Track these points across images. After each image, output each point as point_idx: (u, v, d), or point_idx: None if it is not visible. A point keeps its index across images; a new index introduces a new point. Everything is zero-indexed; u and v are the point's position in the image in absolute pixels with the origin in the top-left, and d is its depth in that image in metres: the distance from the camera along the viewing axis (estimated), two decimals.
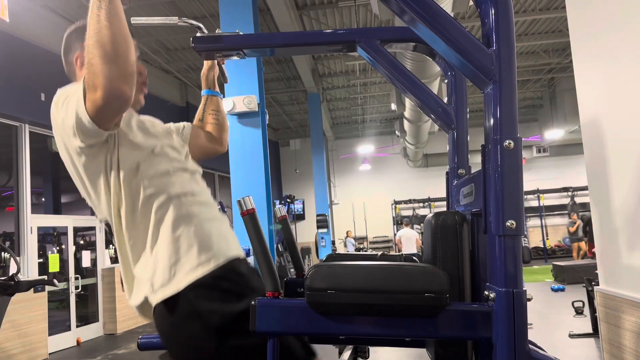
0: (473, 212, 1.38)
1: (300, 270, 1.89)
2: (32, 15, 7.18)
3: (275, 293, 1.17)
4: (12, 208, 7.22)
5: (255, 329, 1.14)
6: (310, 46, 1.67)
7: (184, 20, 1.59)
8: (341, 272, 1.14)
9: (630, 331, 1.80)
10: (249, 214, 1.27)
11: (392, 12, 1.21)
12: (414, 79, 1.66)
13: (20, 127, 7.10)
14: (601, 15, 1.98)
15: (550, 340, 5.70)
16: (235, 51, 1.62)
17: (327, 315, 1.14)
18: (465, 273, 1.33)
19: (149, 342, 1.68)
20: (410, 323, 1.13)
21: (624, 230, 1.88)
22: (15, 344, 6.32)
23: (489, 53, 1.10)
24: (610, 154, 1.94)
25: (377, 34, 1.61)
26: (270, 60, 10.48)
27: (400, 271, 1.14)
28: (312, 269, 1.15)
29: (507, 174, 1.07)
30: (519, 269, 1.08)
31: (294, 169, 16.93)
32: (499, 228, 1.07)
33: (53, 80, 6.74)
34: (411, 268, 1.16)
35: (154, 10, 7.73)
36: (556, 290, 9.34)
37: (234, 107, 4.69)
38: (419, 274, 1.13)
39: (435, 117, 1.72)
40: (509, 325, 1.06)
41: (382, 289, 1.11)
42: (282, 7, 7.33)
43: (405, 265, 1.19)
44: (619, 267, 1.93)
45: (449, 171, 1.73)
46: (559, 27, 9.65)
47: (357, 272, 1.13)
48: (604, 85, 2.00)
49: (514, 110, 1.10)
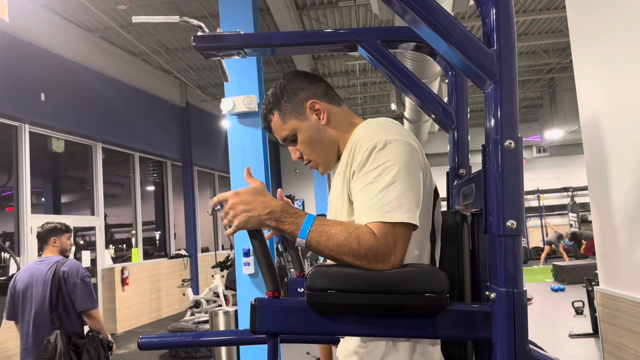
0: (473, 212, 1.38)
1: (301, 270, 1.89)
2: (32, 15, 7.18)
3: (276, 293, 1.17)
4: (12, 208, 7.21)
5: (255, 329, 1.14)
6: (311, 46, 1.67)
7: (184, 20, 1.59)
8: (341, 272, 1.14)
9: (630, 331, 1.80)
10: None
11: (393, 12, 1.22)
12: (414, 79, 1.66)
13: (20, 127, 7.10)
14: (601, 15, 1.98)
15: (550, 340, 5.70)
16: (236, 50, 1.62)
17: (327, 315, 1.14)
18: (465, 273, 1.33)
19: (149, 342, 1.68)
20: (410, 323, 1.13)
21: (624, 230, 1.88)
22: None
23: (489, 53, 1.10)
24: (610, 154, 1.94)
25: (377, 33, 1.61)
26: (270, 60, 10.47)
27: (400, 271, 1.13)
28: (312, 269, 1.15)
29: (508, 174, 1.07)
30: (519, 269, 1.08)
31: (294, 169, 16.92)
32: (500, 228, 1.07)
33: (53, 80, 6.81)
34: (411, 268, 1.16)
35: (154, 10, 7.73)
36: (556, 290, 9.35)
37: (234, 107, 4.69)
38: (419, 274, 1.13)
39: (435, 117, 1.72)
40: (509, 326, 1.06)
41: (382, 289, 1.11)
42: (282, 7, 7.33)
43: (405, 265, 1.19)
44: (619, 267, 1.93)
45: (449, 171, 1.73)
46: (559, 27, 9.65)
47: (357, 272, 1.13)
48: (604, 85, 2.00)
49: (514, 110, 1.10)
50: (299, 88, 1.41)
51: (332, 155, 1.43)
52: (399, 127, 1.30)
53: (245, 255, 4.71)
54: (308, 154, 1.44)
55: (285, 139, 1.45)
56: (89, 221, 8.72)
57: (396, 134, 1.24)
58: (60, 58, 7.77)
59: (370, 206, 1.16)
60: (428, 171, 1.31)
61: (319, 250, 1.15)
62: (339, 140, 1.41)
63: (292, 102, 1.41)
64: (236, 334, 2.42)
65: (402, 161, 1.19)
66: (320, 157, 1.44)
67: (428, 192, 1.30)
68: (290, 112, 1.41)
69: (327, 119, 1.40)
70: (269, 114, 1.45)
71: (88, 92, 8.38)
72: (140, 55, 9.91)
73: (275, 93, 1.43)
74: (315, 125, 1.40)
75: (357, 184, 1.22)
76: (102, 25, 8.23)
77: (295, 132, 1.42)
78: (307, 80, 1.43)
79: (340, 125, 1.41)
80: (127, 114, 9.48)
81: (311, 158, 1.45)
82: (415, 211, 1.17)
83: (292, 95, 1.41)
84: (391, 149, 1.20)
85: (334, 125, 1.41)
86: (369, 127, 1.31)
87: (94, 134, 8.59)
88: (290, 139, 1.44)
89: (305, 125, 1.40)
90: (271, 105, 1.43)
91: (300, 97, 1.40)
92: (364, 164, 1.21)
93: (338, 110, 1.43)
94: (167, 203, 11.36)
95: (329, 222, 1.18)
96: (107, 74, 8.97)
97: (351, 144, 1.31)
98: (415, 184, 1.20)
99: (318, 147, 1.42)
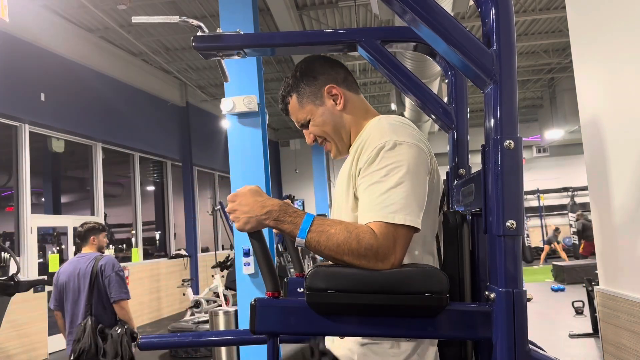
0: (473, 212, 1.38)
1: (300, 270, 1.89)
2: (32, 15, 7.18)
3: (275, 293, 1.17)
4: (12, 208, 7.21)
5: (255, 329, 1.14)
6: (311, 46, 1.66)
7: (184, 20, 1.59)
8: (341, 272, 1.14)
9: (630, 331, 1.80)
10: None
11: (393, 12, 1.22)
12: (414, 79, 1.66)
13: (20, 127, 7.10)
14: (601, 15, 1.98)
15: (550, 340, 5.69)
16: (236, 50, 1.62)
17: (327, 315, 1.14)
18: (465, 273, 1.33)
19: (149, 342, 1.68)
20: (410, 323, 1.13)
21: (624, 230, 1.88)
22: (15, 344, 6.32)
23: (489, 53, 1.10)
24: (610, 154, 1.94)
25: (377, 33, 1.61)
26: (270, 60, 10.47)
27: (399, 271, 1.13)
28: (312, 269, 1.15)
29: (507, 174, 1.07)
30: (519, 269, 1.08)
31: (294, 169, 16.92)
32: (499, 228, 1.07)
33: (53, 80, 6.80)
34: (411, 268, 1.16)
35: (154, 10, 7.73)
36: (556, 290, 9.34)
37: (234, 107, 4.69)
38: (419, 274, 1.13)
39: (435, 117, 1.72)
40: (509, 326, 1.06)
41: (381, 289, 1.11)
42: (282, 7, 7.32)
43: (405, 265, 1.19)
44: (619, 267, 1.93)
45: (449, 171, 1.73)
46: (559, 27, 9.65)
47: (356, 272, 1.13)
48: (604, 85, 2.00)
49: (514, 110, 1.10)
50: (319, 72, 1.41)
51: (344, 140, 1.43)
52: (410, 128, 1.30)
53: (245, 255, 4.71)
54: (322, 135, 1.45)
55: (302, 123, 1.46)
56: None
57: (406, 136, 1.24)
58: (60, 58, 7.77)
59: (374, 205, 1.17)
60: (436, 172, 1.31)
61: (318, 250, 1.15)
62: (352, 127, 1.41)
63: (311, 86, 1.41)
64: (236, 334, 2.42)
65: (409, 164, 1.19)
66: (333, 140, 1.45)
67: (437, 192, 1.30)
68: (309, 95, 1.41)
69: (344, 105, 1.40)
70: (287, 96, 1.45)
71: (88, 92, 8.38)
72: (140, 55, 9.90)
73: (295, 75, 1.43)
74: (330, 110, 1.40)
75: (363, 182, 1.22)
76: (102, 25, 8.23)
77: (311, 117, 1.42)
78: (327, 65, 1.43)
79: (356, 113, 1.42)
80: (127, 114, 9.48)
81: (325, 138, 1.46)
82: (418, 214, 1.17)
83: (312, 79, 1.41)
84: (400, 150, 1.20)
85: (349, 112, 1.41)
86: (380, 125, 1.31)
87: (94, 134, 8.59)
88: (306, 123, 1.45)
89: (321, 110, 1.41)
90: (290, 87, 1.44)
91: (320, 81, 1.40)
92: (371, 162, 1.21)
93: (355, 98, 1.44)
94: (167, 203, 11.36)
95: (328, 222, 1.18)
96: (107, 74, 8.96)
97: (360, 139, 1.32)
98: (421, 187, 1.20)
99: (331, 132, 1.43)
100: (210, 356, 5.64)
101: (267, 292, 1.18)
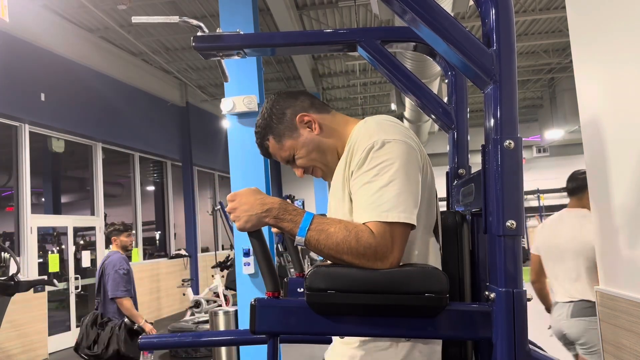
0: (473, 212, 1.38)
1: (300, 270, 1.90)
2: (32, 15, 7.18)
3: (275, 293, 1.17)
4: (12, 208, 7.21)
5: (255, 329, 1.14)
6: (311, 46, 1.67)
7: (184, 20, 1.59)
8: (341, 272, 1.14)
9: (630, 331, 1.80)
10: None
11: (393, 12, 1.21)
12: (414, 79, 1.66)
13: (20, 127, 7.10)
14: (601, 15, 1.98)
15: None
16: (236, 50, 1.62)
17: (327, 315, 1.13)
18: (465, 273, 1.33)
19: (149, 342, 1.68)
20: (410, 323, 1.13)
21: (624, 230, 1.88)
22: (15, 344, 6.32)
23: (489, 53, 1.10)
24: (610, 154, 1.94)
25: (377, 33, 1.61)
26: (270, 60, 10.47)
27: (399, 271, 1.13)
28: (312, 269, 1.15)
29: (507, 174, 1.07)
30: (519, 269, 1.08)
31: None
32: (499, 228, 1.07)
33: (53, 80, 6.79)
34: (411, 268, 1.16)
35: (154, 10, 7.73)
36: None
37: (234, 107, 4.69)
38: (419, 274, 1.13)
39: (435, 117, 1.72)
40: (509, 326, 1.06)
41: (381, 289, 1.11)
42: (282, 7, 7.33)
43: (404, 265, 1.19)
44: (619, 267, 1.93)
45: (449, 171, 1.73)
46: (559, 27, 9.65)
47: (356, 272, 1.13)
48: (604, 85, 2.00)
49: (514, 110, 1.10)
50: (285, 107, 1.41)
51: (332, 161, 1.42)
52: (398, 126, 1.30)
53: (245, 255, 4.71)
54: (310, 165, 1.44)
55: (287, 160, 1.45)
56: (89, 221, 8.72)
57: (394, 133, 1.24)
58: (60, 58, 7.77)
59: (367, 205, 1.17)
60: (429, 167, 1.30)
61: (318, 249, 1.15)
62: (337, 144, 1.41)
63: (283, 122, 1.40)
64: (236, 334, 2.43)
65: (400, 160, 1.18)
66: (322, 165, 1.44)
67: (430, 187, 1.30)
68: (284, 132, 1.40)
69: (320, 128, 1.40)
70: (264, 141, 1.45)
71: (88, 92, 8.38)
72: (140, 55, 9.91)
73: (264, 118, 1.43)
74: (309, 137, 1.39)
75: (356, 183, 1.22)
76: (102, 25, 8.23)
77: (294, 151, 1.41)
78: (291, 98, 1.43)
79: (336, 130, 1.41)
80: (127, 114, 9.48)
81: (314, 166, 1.45)
82: (412, 211, 1.17)
83: (281, 115, 1.40)
84: (389, 148, 1.20)
85: (328, 132, 1.40)
86: (367, 126, 1.31)
87: (94, 134, 8.59)
88: (291, 159, 1.44)
89: (301, 141, 1.40)
90: (264, 131, 1.43)
91: (289, 115, 1.40)
92: (362, 163, 1.21)
93: (329, 117, 1.43)
94: (167, 203, 11.36)
95: (328, 221, 1.18)
96: (107, 74, 8.97)
97: (350, 144, 1.31)
98: (413, 183, 1.20)
99: (318, 157, 1.42)
100: (210, 356, 5.64)
101: (267, 292, 1.18)
